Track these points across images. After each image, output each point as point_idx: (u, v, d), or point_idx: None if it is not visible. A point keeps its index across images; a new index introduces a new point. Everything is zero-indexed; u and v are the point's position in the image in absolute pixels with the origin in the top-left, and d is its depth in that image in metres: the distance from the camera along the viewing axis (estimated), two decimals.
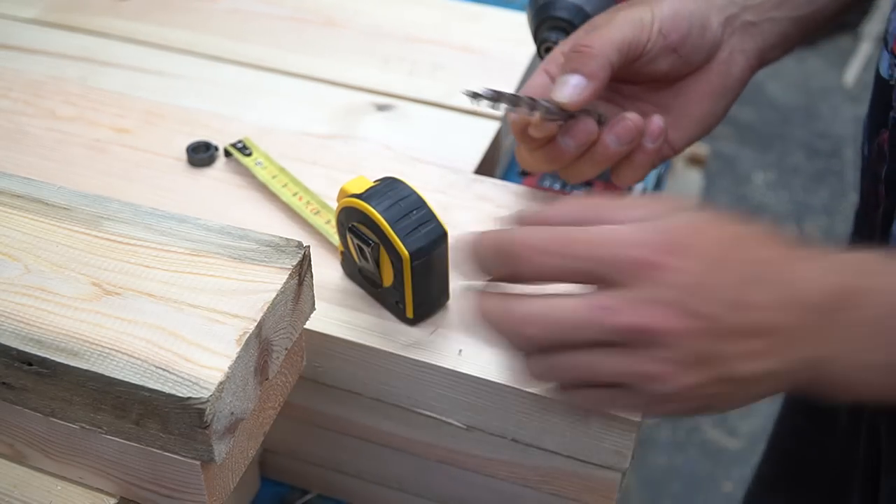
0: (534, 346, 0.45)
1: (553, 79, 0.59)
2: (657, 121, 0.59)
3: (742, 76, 0.62)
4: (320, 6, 0.87)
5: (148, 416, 0.44)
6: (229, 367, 0.44)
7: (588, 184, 0.72)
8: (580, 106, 0.56)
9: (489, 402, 0.54)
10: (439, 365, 0.54)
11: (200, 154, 0.68)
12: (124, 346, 0.45)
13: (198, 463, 0.46)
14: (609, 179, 0.75)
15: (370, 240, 0.54)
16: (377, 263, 0.55)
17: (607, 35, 0.57)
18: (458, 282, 0.56)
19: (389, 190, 0.54)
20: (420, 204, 0.54)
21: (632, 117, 0.58)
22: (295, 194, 0.64)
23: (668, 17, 0.59)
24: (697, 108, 0.62)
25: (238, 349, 0.45)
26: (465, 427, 0.56)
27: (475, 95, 0.53)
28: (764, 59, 0.63)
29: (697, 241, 0.44)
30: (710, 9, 0.61)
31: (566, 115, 0.57)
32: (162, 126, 0.71)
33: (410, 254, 0.52)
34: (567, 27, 0.65)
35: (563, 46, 0.61)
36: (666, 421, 1.64)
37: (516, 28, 0.84)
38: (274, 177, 0.65)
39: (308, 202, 0.64)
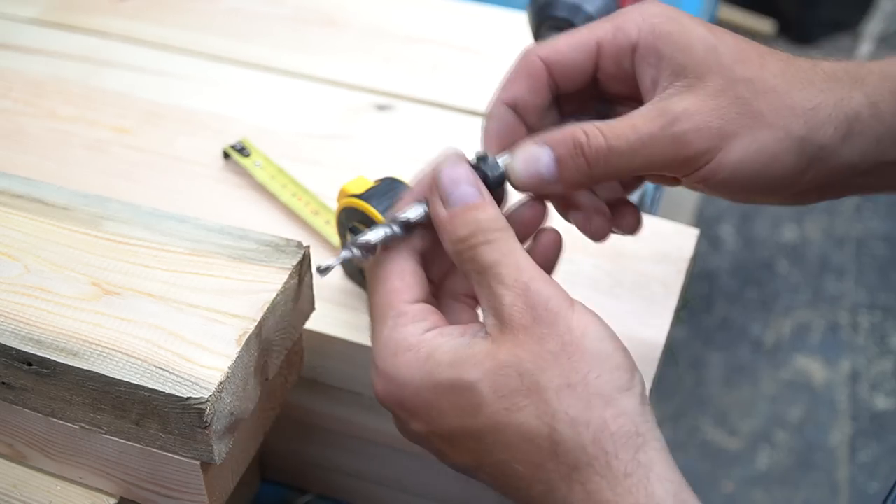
0: None
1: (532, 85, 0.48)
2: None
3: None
4: (320, 6, 0.87)
5: (148, 416, 0.44)
6: (229, 367, 0.44)
7: None
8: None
9: None
10: None
11: None
12: (124, 346, 0.45)
13: (198, 463, 0.46)
14: None
15: None
16: None
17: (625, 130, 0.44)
18: None
19: (389, 190, 0.54)
20: None
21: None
22: (294, 195, 0.64)
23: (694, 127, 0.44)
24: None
25: (238, 349, 0.45)
26: None
27: (325, 269, 0.45)
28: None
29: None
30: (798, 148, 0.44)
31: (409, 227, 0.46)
32: (162, 126, 0.72)
33: None
34: (567, 27, 0.65)
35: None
36: (666, 421, 1.64)
37: (516, 28, 0.84)
38: (273, 177, 0.66)
39: (307, 203, 0.64)
